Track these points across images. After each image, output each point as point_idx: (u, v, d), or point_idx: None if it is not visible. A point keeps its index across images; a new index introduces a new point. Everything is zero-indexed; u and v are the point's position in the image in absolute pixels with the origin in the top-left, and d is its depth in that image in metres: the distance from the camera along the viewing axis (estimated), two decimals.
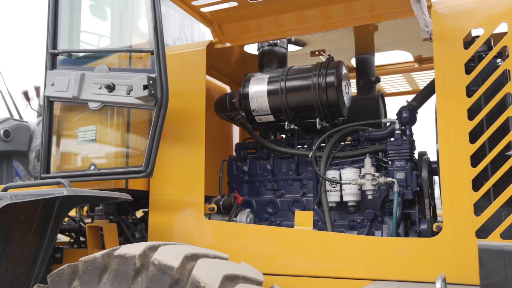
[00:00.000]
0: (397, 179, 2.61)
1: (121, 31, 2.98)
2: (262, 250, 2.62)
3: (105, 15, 3.22)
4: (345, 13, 2.75)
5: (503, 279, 1.58)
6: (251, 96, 2.98)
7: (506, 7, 2.27)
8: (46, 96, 2.96)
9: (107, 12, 3.18)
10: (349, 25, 2.81)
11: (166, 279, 1.99)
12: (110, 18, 3.11)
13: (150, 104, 2.61)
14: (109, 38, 3.11)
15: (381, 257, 2.35)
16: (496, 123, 2.21)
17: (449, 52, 2.36)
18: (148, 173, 2.61)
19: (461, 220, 2.22)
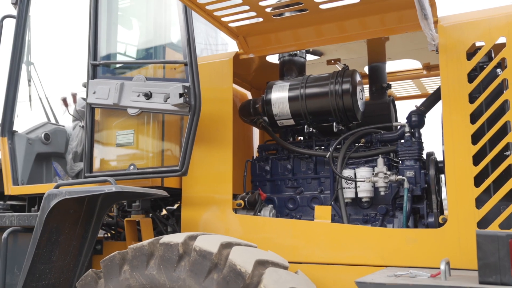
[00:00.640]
0: (407, 177, 2.89)
1: (155, 43, 3.29)
2: (285, 241, 2.91)
3: (138, 27, 3.53)
4: (360, 27, 3.02)
5: (497, 259, 1.86)
6: (273, 102, 3.28)
7: (505, 22, 2.54)
8: (88, 103, 3.27)
9: (140, 26, 3.49)
10: (363, 38, 3.08)
11: (207, 263, 2.29)
12: (146, 31, 3.42)
13: (184, 111, 2.92)
14: (143, 49, 3.42)
15: (393, 246, 2.63)
16: (495, 127, 2.49)
17: (454, 62, 2.63)
18: (184, 172, 2.92)
19: (464, 213, 2.49)
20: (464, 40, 2.63)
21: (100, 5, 3.30)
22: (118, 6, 3.48)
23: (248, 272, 2.23)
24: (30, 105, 4.16)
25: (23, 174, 3.81)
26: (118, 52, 3.51)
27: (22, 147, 3.85)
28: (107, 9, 3.36)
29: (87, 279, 2.59)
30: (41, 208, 2.85)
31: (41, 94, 4.26)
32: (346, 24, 3.01)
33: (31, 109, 4.18)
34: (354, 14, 2.93)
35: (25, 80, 4.05)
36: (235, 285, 2.22)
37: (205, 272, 2.29)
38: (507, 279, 1.84)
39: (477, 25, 2.61)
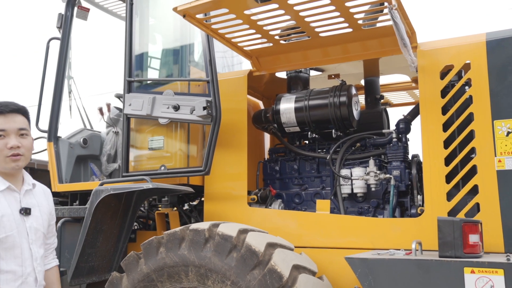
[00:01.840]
0: (394, 176, 3.44)
1: (182, 63, 3.88)
2: (291, 229, 3.48)
3: (166, 49, 4.12)
4: (361, 49, 3.52)
5: (452, 238, 2.41)
6: (282, 112, 3.85)
7: (470, 49, 3.09)
8: (125, 114, 3.86)
9: (168, 48, 4.08)
10: (363, 58, 3.57)
11: (228, 244, 2.87)
12: (173, 53, 4.00)
13: (207, 121, 3.50)
14: (172, 67, 4.01)
15: (381, 232, 3.19)
16: (463, 134, 3.03)
17: (430, 81, 3.19)
18: (207, 171, 3.51)
19: (437, 204, 3.04)
20: (438, 62, 3.18)
21: (134, 30, 3.89)
22: (150, 31, 4.08)
23: (261, 251, 2.81)
24: (70, 113, 4.76)
25: (66, 174, 4.42)
26: (150, 67, 4.10)
27: (65, 150, 4.46)
28: (139, 34, 3.95)
29: (130, 259, 3.18)
30: (90, 202, 3.44)
31: (79, 104, 4.87)
32: (349, 46, 3.52)
33: (71, 117, 4.78)
34: (355, 38, 3.45)
35: (66, 92, 4.65)
36: (250, 261, 2.80)
37: (226, 252, 2.87)
38: (459, 253, 2.40)
39: (449, 51, 3.16)
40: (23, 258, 2.21)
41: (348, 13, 3.03)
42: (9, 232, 2.19)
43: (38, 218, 2.35)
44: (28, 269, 2.22)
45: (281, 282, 2.69)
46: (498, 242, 2.84)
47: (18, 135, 2.30)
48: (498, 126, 2.94)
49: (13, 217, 2.24)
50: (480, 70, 3.02)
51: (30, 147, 2.36)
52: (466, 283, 2.29)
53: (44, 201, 2.50)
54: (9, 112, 2.30)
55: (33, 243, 2.28)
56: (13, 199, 2.28)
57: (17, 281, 2.17)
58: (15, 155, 2.27)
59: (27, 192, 2.39)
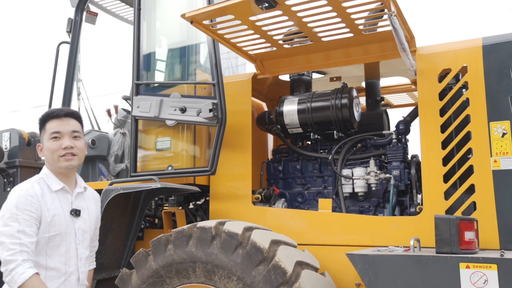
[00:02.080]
0: (393, 175, 3.55)
1: (188, 66, 4.00)
2: (294, 227, 3.59)
3: (173, 52, 4.24)
4: (363, 52, 3.63)
5: (449, 235, 2.52)
6: (285, 114, 3.96)
7: (467, 52, 3.20)
8: (133, 116, 3.98)
9: (175, 51, 4.20)
10: (364, 61, 3.69)
11: (234, 241, 2.99)
12: (180, 56, 4.12)
13: (213, 122, 3.62)
14: (178, 70, 4.13)
15: (381, 230, 3.30)
16: (460, 135, 3.14)
17: (428, 84, 3.30)
18: (213, 171, 3.63)
19: (435, 203, 3.16)
20: (436, 66, 3.29)
21: (142, 35, 4.01)
22: (156, 35, 4.20)
23: (266, 248, 2.93)
24: None
25: None
26: (157, 69, 4.22)
27: None
28: (147, 38, 4.08)
29: (139, 256, 3.30)
30: (101, 201, 3.56)
31: (87, 106, 4.99)
32: (351, 50, 3.63)
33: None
34: (356, 42, 3.56)
35: (75, 94, 4.77)
36: (255, 258, 2.92)
37: (232, 249, 2.99)
38: (455, 250, 2.51)
39: (446, 55, 3.27)
40: (68, 257, 2.33)
41: (349, 19, 3.14)
42: (58, 231, 2.32)
43: (87, 221, 2.48)
44: (71, 268, 2.34)
45: (285, 278, 2.81)
46: (494, 239, 2.95)
47: (71, 137, 2.45)
48: (493, 128, 3.05)
49: (64, 217, 2.37)
50: (477, 73, 3.14)
51: (82, 148, 2.51)
52: (462, 278, 2.40)
53: (93, 205, 2.63)
54: (64, 116, 2.46)
55: (80, 243, 2.41)
56: (65, 200, 2.42)
57: (60, 278, 2.29)
58: (68, 155, 2.41)
59: (79, 195, 2.53)
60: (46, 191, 2.39)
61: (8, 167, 4.83)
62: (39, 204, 2.31)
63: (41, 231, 2.29)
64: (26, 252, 2.21)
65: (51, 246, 2.30)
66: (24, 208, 2.27)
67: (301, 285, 2.80)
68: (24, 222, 2.23)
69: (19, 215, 2.24)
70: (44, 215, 2.30)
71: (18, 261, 2.18)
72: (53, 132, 2.43)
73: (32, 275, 2.18)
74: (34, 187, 2.38)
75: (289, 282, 2.82)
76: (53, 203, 2.35)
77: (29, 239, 2.23)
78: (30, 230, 2.25)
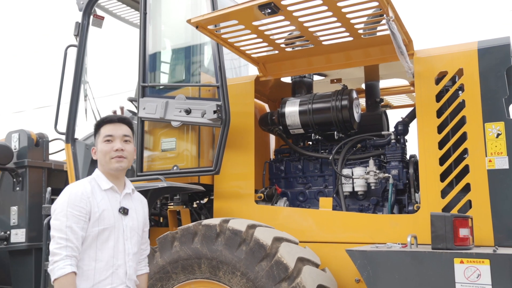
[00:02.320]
0: (392, 175, 3.66)
1: (193, 69, 4.12)
2: (296, 225, 3.70)
3: (178, 56, 4.36)
4: (363, 55, 3.74)
5: (444, 232, 2.63)
6: (287, 115, 4.07)
7: (463, 56, 3.31)
8: (139, 117, 4.10)
9: (180, 55, 4.31)
10: (365, 64, 3.80)
11: (237, 238, 3.11)
12: (185, 59, 4.24)
13: (217, 123, 3.74)
14: (183, 73, 4.24)
15: (380, 228, 3.41)
16: (456, 136, 3.25)
17: (425, 86, 3.41)
18: (217, 171, 3.75)
19: (432, 201, 3.27)
20: (433, 68, 3.40)
21: (148, 38, 4.13)
22: (162, 39, 4.32)
23: (268, 244, 3.04)
24: (86, 116, 5.00)
25: (82, 174, 4.65)
26: (162, 72, 4.33)
27: (82, 151, 4.70)
28: (152, 42, 4.19)
29: None
30: None
31: (94, 107, 5.11)
32: (352, 53, 3.74)
33: (86, 119, 5.01)
34: (356, 46, 3.67)
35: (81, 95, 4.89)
36: (258, 254, 3.03)
37: (236, 245, 3.11)
38: (450, 246, 2.62)
39: (443, 58, 3.38)
40: (116, 251, 2.46)
41: (348, 23, 3.25)
42: (107, 225, 2.46)
43: (134, 219, 2.60)
44: (119, 262, 2.46)
45: (287, 273, 2.93)
46: (488, 236, 3.06)
47: (122, 141, 2.60)
48: (488, 129, 3.16)
49: (113, 213, 2.50)
50: (472, 76, 3.25)
51: (132, 152, 2.65)
52: (456, 272, 2.51)
53: (140, 207, 2.74)
54: (117, 121, 2.63)
55: (128, 239, 2.53)
56: (114, 199, 2.55)
57: (108, 270, 2.42)
58: (119, 157, 2.56)
59: (127, 195, 2.66)
60: (97, 190, 2.54)
61: (17, 167, 4.95)
62: (88, 200, 2.45)
63: (91, 225, 2.43)
64: (70, 248, 2.35)
65: (101, 240, 2.44)
66: (74, 204, 2.41)
67: (303, 280, 2.91)
68: (72, 218, 2.38)
69: (68, 211, 2.40)
70: (94, 210, 2.45)
71: (61, 255, 2.33)
72: (106, 136, 2.59)
73: (68, 273, 2.31)
74: (85, 185, 2.54)
75: (291, 277, 2.94)
76: (102, 199, 2.50)
77: (74, 235, 2.37)
78: (77, 226, 2.38)
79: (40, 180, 5.07)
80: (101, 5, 4.99)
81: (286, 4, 3.00)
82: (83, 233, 2.41)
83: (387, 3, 2.96)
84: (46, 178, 5.11)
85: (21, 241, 4.83)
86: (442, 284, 2.54)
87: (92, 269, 2.41)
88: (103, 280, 2.43)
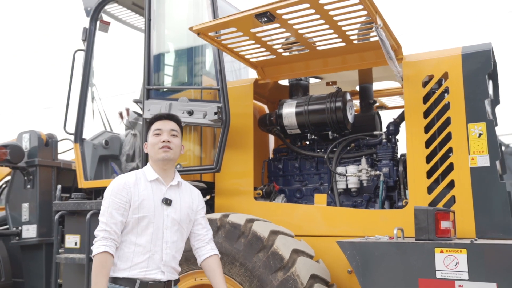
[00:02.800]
0: (383, 172, 3.87)
1: (195, 73, 4.35)
2: (292, 220, 3.91)
3: (181, 60, 4.59)
4: (357, 59, 3.94)
5: (427, 224, 2.85)
6: (284, 116, 4.29)
7: (448, 60, 3.53)
8: (144, 118, 4.32)
9: (183, 59, 4.55)
10: (359, 68, 4.01)
11: (237, 231, 3.34)
12: (187, 63, 4.47)
13: (218, 124, 3.96)
14: (186, 76, 4.48)
15: (370, 222, 3.63)
16: (441, 135, 3.46)
17: (413, 89, 3.62)
18: (218, 169, 3.97)
19: (419, 197, 3.48)
20: (421, 72, 3.62)
21: (152, 43, 4.36)
22: (165, 44, 4.55)
23: (265, 237, 3.27)
24: (93, 117, 5.24)
25: (90, 172, 4.90)
26: (166, 74, 4.56)
27: (89, 151, 4.94)
28: (156, 47, 4.42)
29: None
30: None
31: (100, 109, 5.35)
32: (348, 57, 3.94)
33: (94, 120, 5.26)
34: (349, 50, 3.87)
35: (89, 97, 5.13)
36: (256, 246, 3.26)
37: (235, 238, 3.33)
38: (432, 237, 2.84)
39: (430, 62, 3.60)
40: (155, 238, 2.69)
41: (340, 30, 3.47)
42: (146, 213, 2.69)
43: (177, 211, 2.81)
44: (156, 248, 2.69)
45: (282, 263, 3.15)
46: (471, 229, 3.27)
47: (170, 134, 2.86)
48: (471, 129, 3.37)
49: (153, 203, 2.72)
50: (457, 79, 3.46)
51: (178, 145, 2.90)
52: (436, 261, 2.73)
53: (188, 198, 2.94)
54: (166, 118, 2.92)
55: (168, 229, 2.74)
56: (159, 190, 2.78)
57: (145, 254, 2.66)
58: (165, 147, 2.80)
59: (172, 187, 2.88)
60: (142, 180, 2.79)
61: (28, 166, 5.20)
62: (129, 190, 2.71)
63: (131, 212, 2.69)
64: (107, 232, 2.62)
65: (141, 226, 2.69)
66: (116, 193, 2.69)
67: (297, 270, 3.14)
68: (113, 205, 2.66)
69: (111, 199, 2.69)
70: (134, 199, 2.70)
71: (99, 237, 2.63)
72: (155, 129, 2.87)
73: (101, 252, 2.59)
74: (130, 176, 2.80)
75: (286, 267, 3.16)
76: (145, 189, 2.74)
77: (113, 220, 2.64)
78: (117, 213, 2.66)
79: (49, 178, 5.31)
80: (107, 11, 5.22)
81: (281, 13, 3.22)
82: (123, 219, 2.67)
83: (375, 12, 3.17)
84: (56, 176, 5.36)
85: (32, 236, 5.08)
86: (424, 271, 2.75)
87: (131, 252, 2.66)
88: (140, 263, 2.66)
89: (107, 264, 2.59)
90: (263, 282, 3.20)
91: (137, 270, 2.65)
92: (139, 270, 2.65)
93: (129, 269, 2.65)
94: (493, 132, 3.31)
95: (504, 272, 2.57)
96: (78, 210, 4.44)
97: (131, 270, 2.65)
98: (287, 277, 3.13)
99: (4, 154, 4.99)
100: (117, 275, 2.65)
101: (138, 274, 2.65)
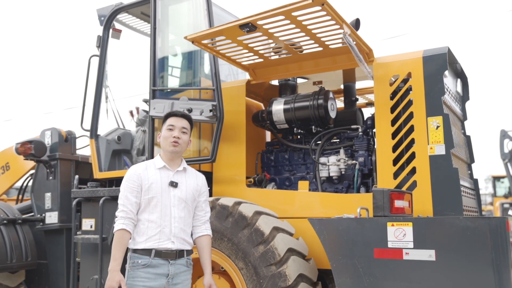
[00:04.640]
0: (359, 162, 4.37)
1: (194, 74, 4.90)
2: (279, 204, 4.42)
3: (182, 64, 5.15)
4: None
5: (382, 203, 3.34)
6: (274, 113, 4.81)
7: (411, 62, 4.00)
8: (150, 115, 4.90)
9: (184, 63, 5.10)
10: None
11: (225, 212, 3.88)
12: (187, 66, 5.03)
13: (213, 120, 4.51)
14: (186, 78, 5.03)
15: (345, 205, 4.11)
16: (405, 128, 3.95)
17: (382, 87, 4.11)
18: (213, 159, 4.52)
19: (386, 182, 3.96)
20: (387, 73, 4.10)
21: (157, 49, 4.92)
22: (169, 49, 5.12)
23: (249, 216, 3.80)
24: (107, 115, 5.84)
25: (104, 164, 5.49)
26: (169, 75, 5.13)
27: (103, 146, 5.54)
28: (161, 52, 4.99)
29: None
30: None
31: (113, 108, 5.95)
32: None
33: (107, 118, 5.86)
34: (327, 54, 4.38)
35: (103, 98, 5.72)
36: (241, 223, 3.79)
37: (224, 217, 3.88)
38: (387, 213, 3.33)
39: (396, 64, 4.08)
40: (164, 214, 3.22)
41: (315, 37, 3.98)
42: (155, 194, 3.23)
43: (183, 191, 3.32)
44: (165, 223, 3.21)
45: (263, 238, 3.68)
46: (429, 209, 3.75)
47: (181, 131, 3.35)
48: (430, 122, 3.85)
49: (161, 185, 3.25)
50: (418, 78, 3.94)
51: (186, 141, 3.38)
52: (388, 233, 3.22)
53: (194, 181, 3.43)
54: (179, 116, 3.39)
55: (175, 206, 3.26)
56: (166, 175, 3.30)
57: (157, 228, 3.20)
58: (175, 142, 3.31)
59: (178, 172, 3.39)
60: (151, 168, 3.32)
61: (50, 159, 5.82)
62: (140, 176, 3.24)
63: (143, 194, 3.23)
64: (124, 212, 3.19)
65: (152, 205, 3.23)
66: (130, 179, 3.25)
67: (275, 243, 3.66)
68: (127, 189, 3.23)
69: (125, 184, 3.25)
70: (144, 183, 3.24)
71: (118, 216, 3.19)
72: (169, 125, 3.35)
73: (119, 229, 3.15)
74: (141, 165, 3.33)
75: (266, 241, 3.69)
76: (154, 175, 3.28)
77: (128, 201, 3.20)
78: (131, 195, 3.21)
79: (69, 170, 5.93)
80: (119, 20, 5.80)
81: (262, 23, 3.75)
82: (137, 200, 3.22)
83: (342, 22, 3.67)
84: (74, 169, 5.97)
85: (54, 222, 5.70)
86: (378, 242, 3.25)
87: (146, 228, 3.21)
88: (153, 236, 3.20)
89: (124, 239, 3.16)
90: (246, 254, 3.73)
91: (151, 242, 3.19)
92: (153, 242, 3.19)
93: (145, 241, 3.18)
94: (448, 124, 3.78)
95: (441, 241, 3.06)
96: (93, 196, 5.04)
97: (147, 242, 3.18)
98: (266, 250, 3.66)
99: (29, 149, 5.62)
100: (136, 247, 3.19)
101: (153, 245, 3.18)
